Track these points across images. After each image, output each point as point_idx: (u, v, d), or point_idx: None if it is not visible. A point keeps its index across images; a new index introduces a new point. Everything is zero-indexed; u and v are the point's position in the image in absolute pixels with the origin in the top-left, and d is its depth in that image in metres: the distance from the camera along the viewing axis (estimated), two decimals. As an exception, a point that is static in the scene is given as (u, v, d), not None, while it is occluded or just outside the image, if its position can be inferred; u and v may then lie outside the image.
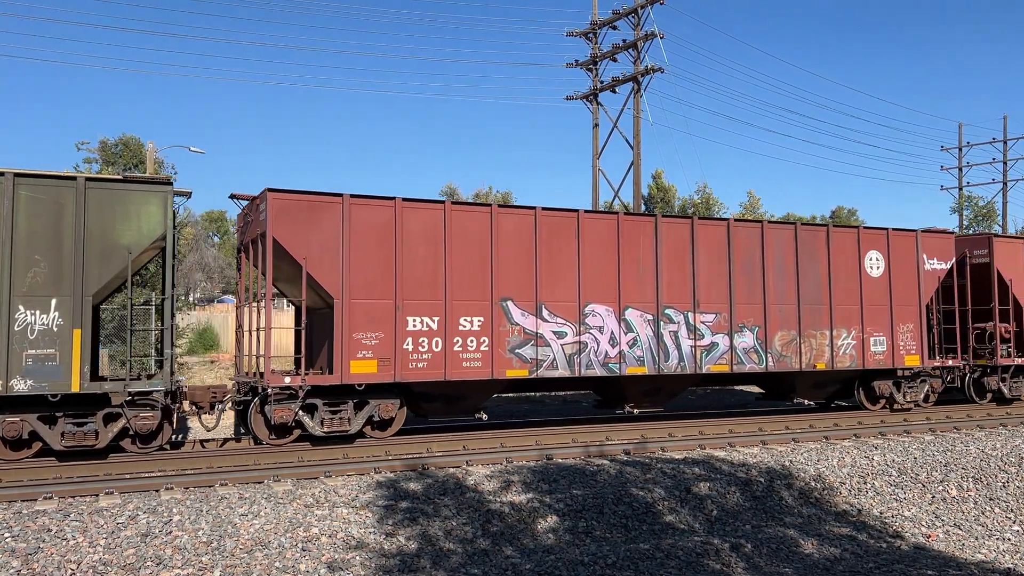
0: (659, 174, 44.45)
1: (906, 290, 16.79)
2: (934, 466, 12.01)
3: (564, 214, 13.83)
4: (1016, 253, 18.53)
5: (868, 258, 16.43)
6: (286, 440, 12.27)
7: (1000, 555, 9.27)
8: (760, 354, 15.10)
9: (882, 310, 16.46)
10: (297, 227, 12.01)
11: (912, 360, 16.71)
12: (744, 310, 15.05)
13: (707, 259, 14.85)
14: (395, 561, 7.82)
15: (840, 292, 16.00)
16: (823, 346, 15.67)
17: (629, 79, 28.44)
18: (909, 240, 17.01)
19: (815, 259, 15.82)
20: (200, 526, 8.18)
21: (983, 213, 44.05)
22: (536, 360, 13.32)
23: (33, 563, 7.25)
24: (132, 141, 39.35)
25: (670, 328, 14.38)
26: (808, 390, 16.48)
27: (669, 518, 9.68)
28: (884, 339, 16.41)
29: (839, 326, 15.93)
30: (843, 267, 16.10)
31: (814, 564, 8.49)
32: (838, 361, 15.82)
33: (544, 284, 13.54)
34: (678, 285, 14.57)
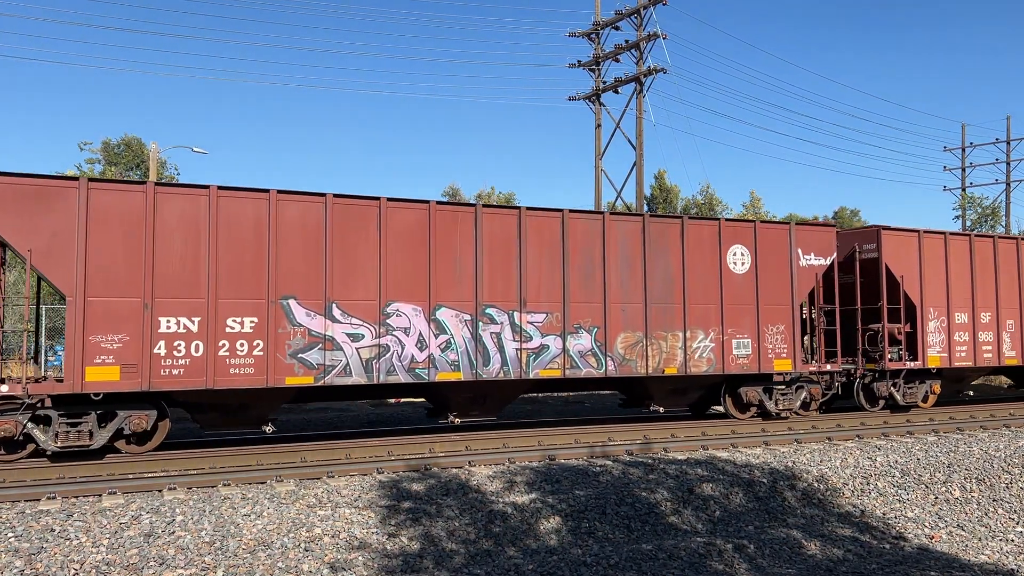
0: (662, 174, 44.46)
1: (777, 288, 15.35)
2: (937, 467, 12.00)
3: (362, 202, 12.44)
4: (908, 247, 17.00)
5: (731, 253, 14.98)
6: (17, 456, 10.92)
7: (1004, 556, 9.25)
8: (599, 358, 13.78)
9: (747, 310, 15.02)
10: (21, 215, 10.62)
11: (783, 364, 15.23)
12: (581, 309, 13.72)
13: (538, 254, 13.49)
14: (398, 561, 7.82)
15: (697, 290, 14.63)
16: (675, 349, 14.31)
17: (631, 79, 28.45)
18: (780, 233, 15.60)
19: (667, 254, 14.45)
20: (203, 526, 8.19)
21: (987, 214, 44.00)
22: (324, 366, 11.98)
23: (36, 563, 7.26)
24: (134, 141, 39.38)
25: (492, 329, 13.05)
26: (666, 397, 15.13)
27: (672, 519, 9.68)
28: (749, 341, 14.97)
29: (695, 327, 14.53)
30: (701, 263, 14.72)
31: (817, 565, 8.48)
32: (692, 365, 14.43)
33: (337, 280, 12.15)
34: (503, 282, 13.22)
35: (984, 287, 17.74)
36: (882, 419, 16.06)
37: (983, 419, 16.22)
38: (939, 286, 17.22)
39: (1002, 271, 18.00)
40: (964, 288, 17.50)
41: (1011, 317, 18.09)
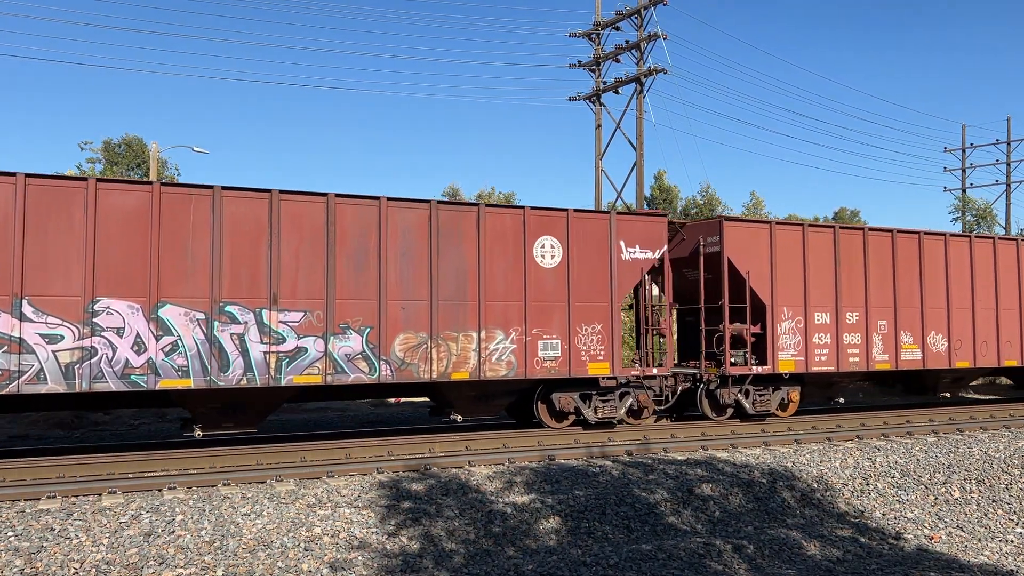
0: (661, 175, 44.41)
1: (593, 284, 13.83)
2: (937, 468, 12.00)
3: (66, 184, 10.99)
4: (757, 240, 15.24)
5: (538, 245, 13.44)
6: None
7: (1003, 557, 9.26)
8: (372, 362, 12.20)
9: (558, 307, 13.51)
10: None
11: (599, 368, 13.75)
12: (350, 307, 12.13)
13: (295, 243, 11.90)
14: (397, 561, 7.83)
15: (497, 286, 13.08)
16: (467, 351, 12.77)
17: (632, 80, 28.45)
18: (599, 224, 14.03)
19: (460, 246, 12.88)
20: (203, 526, 8.20)
21: (982, 215, 44.01)
22: (10, 371, 10.38)
23: (36, 562, 7.26)
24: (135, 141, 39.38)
25: (232, 330, 11.43)
26: (467, 404, 13.52)
27: (671, 519, 9.69)
28: (559, 342, 13.46)
29: (493, 327, 12.99)
30: (501, 256, 13.16)
31: (816, 565, 8.49)
32: (488, 369, 12.90)
33: (31, 273, 10.59)
34: (248, 275, 11.60)
35: (851, 285, 16.01)
36: (882, 419, 16.04)
37: (983, 420, 16.22)
38: (794, 283, 15.47)
39: (873, 267, 16.27)
40: (826, 286, 15.76)
41: (883, 317, 16.31)
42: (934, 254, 17.08)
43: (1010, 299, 17.98)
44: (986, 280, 17.67)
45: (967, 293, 17.36)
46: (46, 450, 12.29)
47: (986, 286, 17.66)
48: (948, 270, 17.17)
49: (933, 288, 16.94)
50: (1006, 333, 17.82)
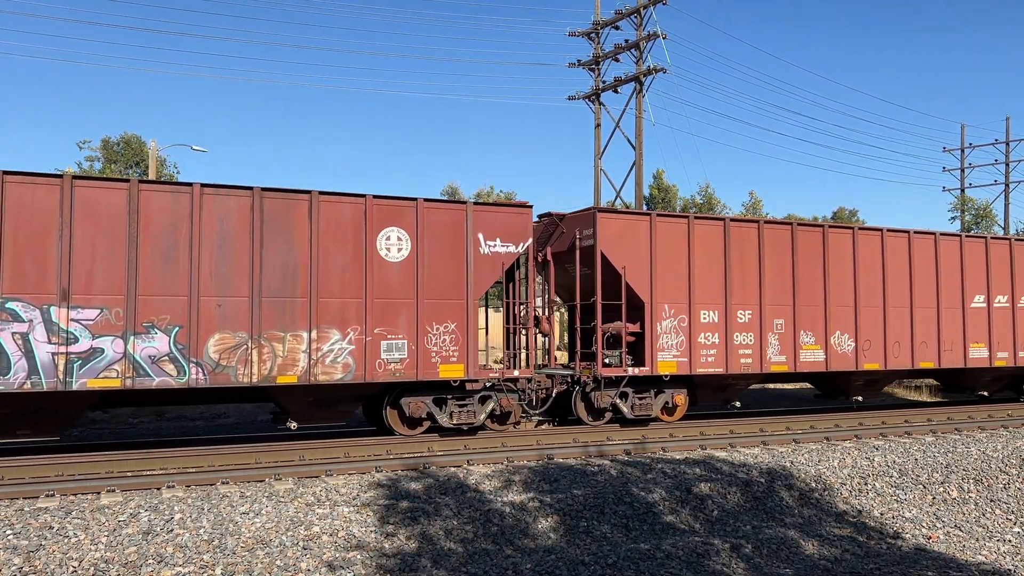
0: (660, 174, 44.45)
1: (447, 279, 12.74)
2: (935, 467, 12.02)
3: None
4: (634, 233, 14.10)
5: (383, 237, 12.35)
6: None
7: (1001, 557, 9.27)
8: (181, 364, 11.11)
9: (404, 305, 12.40)
10: None
11: (452, 370, 12.68)
12: (156, 304, 11.05)
13: (91, 233, 10.81)
14: (396, 560, 7.84)
15: (332, 281, 12.00)
16: (296, 353, 11.63)
17: (631, 79, 28.46)
18: (453, 215, 12.90)
19: (291, 237, 11.82)
20: (202, 524, 8.20)
21: (981, 215, 44.05)
22: None
23: (35, 560, 7.26)
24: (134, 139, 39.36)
25: (14, 328, 10.36)
26: (308, 410, 12.38)
27: (670, 518, 9.69)
28: (405, 343, 12.36)
29: (327, 326, 11.89)
30: (339, 248, 12.10)
31: (814, 565, 8.50)
32: (321, 372, 11.77)
33: None
34: (34, 268, 10.55)
35: (744, 281, 14.89)
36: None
37: (981, 420, 16.23)
38: (678, 279, 14.36)
39: (770, 263, 15.14)
40: (715, 282, 14.63)
41: (780, 316, 15.18)
42: (840, 249, 15.95)
43: (927, 297, 16.84)
44: (900, 277, 16.52)
45: (877, 291, 16.23)
46: (44, 448, 12.28)
47: (900, 283, 16.50)
48: (857, 266, 16.01)
49: (839, 285, 15.82)
50: (922, 333, 16.67)
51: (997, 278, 17.83)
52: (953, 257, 17.25)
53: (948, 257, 17.19)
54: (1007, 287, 17.97)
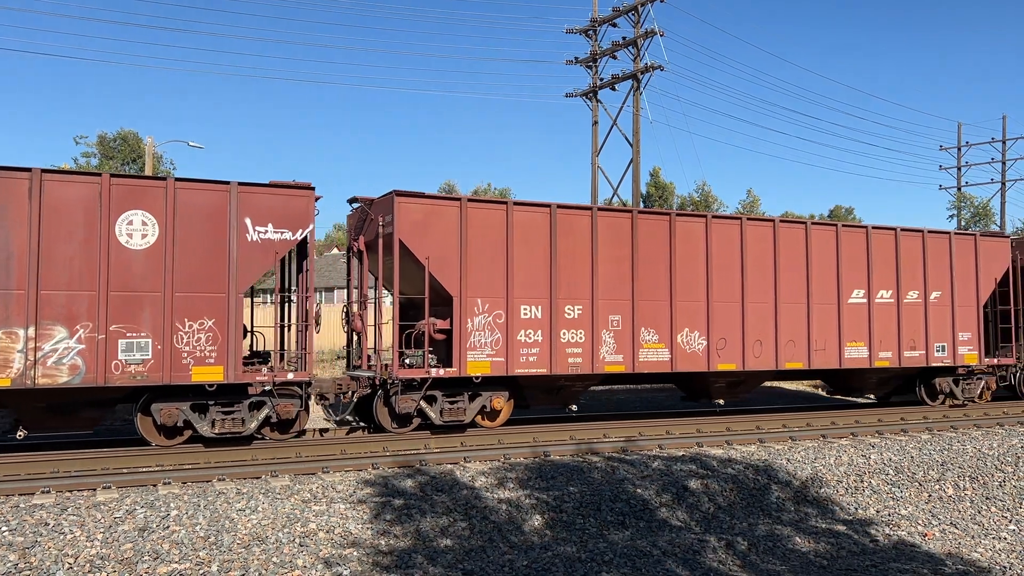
0: (657, 171, 44.52)
1: (203, 270, 11.28)
2: (931, 465, 12.04)
3: None
4: (439, 220, 12.64)
5: (124, 221, 10.89)
6: None
7: (996, 554, 9.29)
8: None
9: (149, 299, 10.97)
10: None
11: (208, 373, 11.25)
12: None
13: None
14: (392, 557, 7.83)
15: (56, 271, 10.56)
16: (9, 352, 10.27)
17: (629, 76, 28.45)
18: (213, 197, 11.41)
19: (3, 221, 10.40)
20: (198, 521, 8.19)
21: (979, 213, 44.12)
22: None
23: (31, 557, 7.25)
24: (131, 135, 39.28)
25: None
26: (38, 416, 11.12)
27: (666, 515, 9.70)
28: (149, 342, 10.90)
29: (52, 322, 10.50)
30: (67, 233, 10.64)
31: (810, 562, 8.51)
32: (42, 375, 10.39)
33: None
34: None
35: (574, 274, 13.48)
36: (877, 417, 16.02)
37: (976, 418, 16.26)
38: (494, 272, 12.93)
39: (605, 254, 13.76)
40: (539, 275, 13.24)
41: (617, 311, 13.81)
42: (691, 239, 14.54)
43: (794, 291, 15.38)
44: (762, 270, 15.10)
45: (735, 284, 14.81)
46: (40, 445, 12.26)
47: (762, 276, 15.08)
48: (710, 258, 14.60)
49: (689, 278, 14.44)
50: (789, 331, 15.25)
51: (881, 271, 16.40)
52: (827, 248, 15.83)
53: (821, 248, 15.76)
54: (891, 281, 16.53)
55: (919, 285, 16.87)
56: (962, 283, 17.37)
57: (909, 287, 16.74)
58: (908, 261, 16.74)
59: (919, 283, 16.87)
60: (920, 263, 16.90)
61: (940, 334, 17.00)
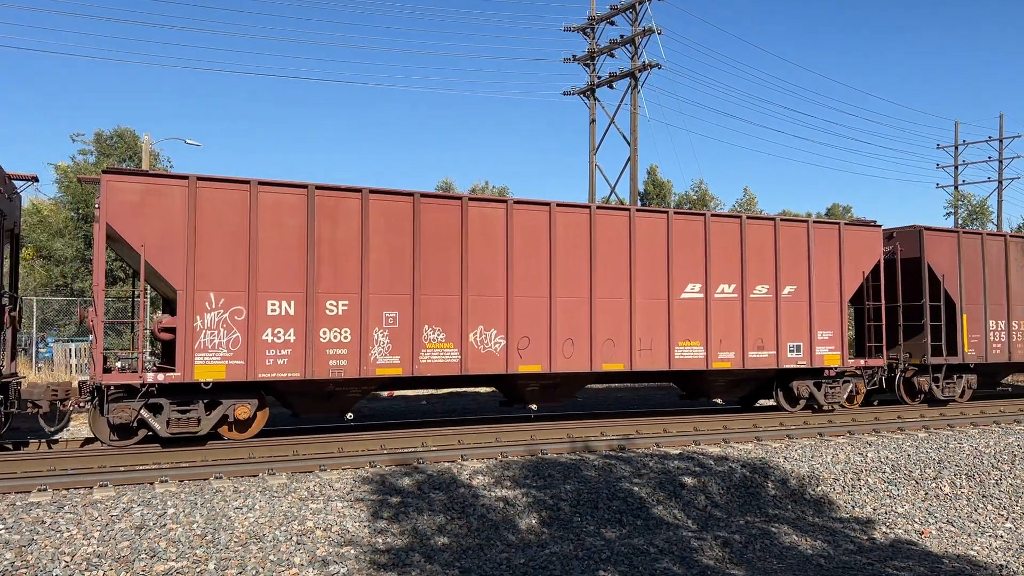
0: (654, 169, 44.46)
1: None
2: (927, 463, 12.06)
3: None
4: (160, 202, 11.18)
5: None
6: None
7: (993, 552, 9.31)
8: None
9: None
10: None
11: None
12: None
13: None
14: (389, 555, 7.83)
15: None
16: None
17: (626, 75, 28.45)
18: None
19: None
20: (195, 519, 8.18)
21: (976, 211, 44.20)
22: None
23: (27, 555, 7.24)
24: (127, 133, 39.19)
25: None
26: None
27: (663, 513, 9.71)
28: None
29: None
30: None
31: (807, 560, 8.52)
32: None
33: None
34: None
35: (337, 264, 12.08)
36: (873, 415, 16.03)
37: (973, 416, 16.28)
38: (231, 261, 11.54)
39: (378, 240, 12.35)
40: (293, 266, 11.86)
41: (393, 307, 12.38)
42: (489, 227, 13.09)
43: (614, 285, 13.97)
44: (576, 261, 13.69)
45: (542, 277, 13.38)
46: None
47: (575, 268, 13.67)
48: (511, 248, 13.15)
49: (485, 271, 13.04)
50: (607, 329, 13.84)
51: (722, 263, 14.87)
52: (656, 238, 14.33)
53: (649, 238, 14.28)
54: (735, 274, 14.98)
55: (769, 278, 15.27)
56: (823, 277, 15.83)
57: (757, 281, 15.16)
58: (757, 252, 15.17)
59: (769, 276, 15.28)
60: (771, 254, 15.30)
61: (795, 333, 15.45)
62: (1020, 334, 18.57)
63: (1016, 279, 18.56)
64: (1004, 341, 18.30)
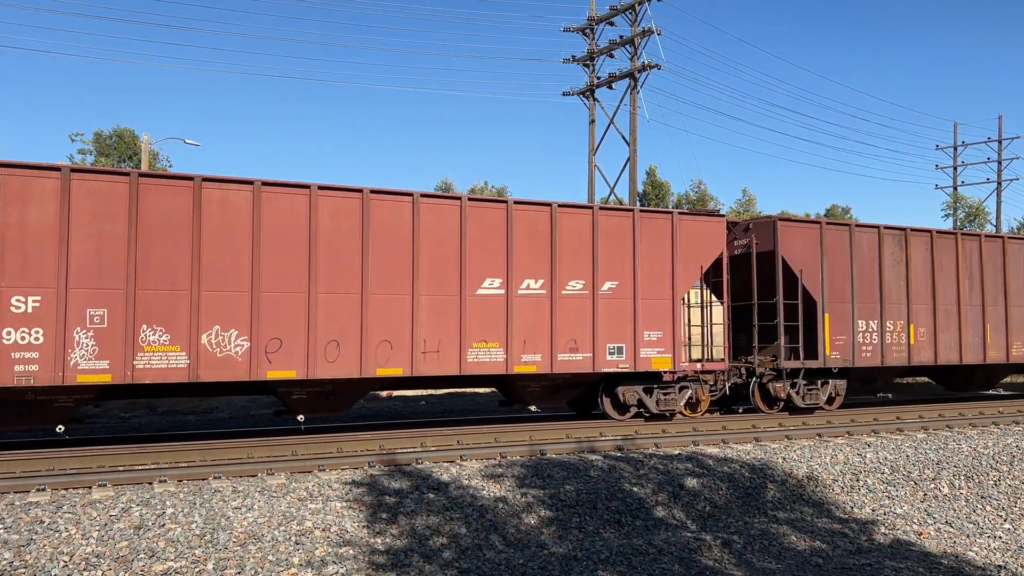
0: (653, 170, 44.54)
1: None
2: (926, 464, 12.07)
3: None
4: None
5: None
6: None
7: (991, 552, 9.32)
8: None
9: None
10: None
11: None
12: None
13: None
14: (388, 555, 7.83)
15: None
16: None
17: (626, 75, 28.47)
18: None
19: None
20: (194, 519, 8.17)
21: (974, 213, 44.27)
22: None
23: (26, 555, 7.24)
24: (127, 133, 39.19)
25: None
26: None
27: (662, 514, 9.71)
28: None
29: None
30: None
31: (805, 560, 8.53)
32: None
33: None
34: None
35: (26, 252, 10.52)
36: (871, 416, 16.05)
37: (972, 417, 16.29)
38: None
39: (82, 227, 10.80)
40: None
41: (102, 303, 10.82)
42: (231, 213, 11.55)
43: (393, 280, 12.39)
44: (345, 252, 12.10)
45: (299, 271, 11.86)
46: (36, 443, 12.24)
47: (343, 261, 12.08)
48: (259, 237, 11.62)
49: (225, 262, 11.49)
50: (382, 329, 12.26)
51: (527, 256, 13.28)
52: (446, 228, 12.80)
53: (436, 227, 12.74)
54: (544, 268, 13.39)
55: (586, 273, 13.68)
56: (652, 271, 14.26)
57: (571, 275, 13.56)
58: (571, 244, 13.60)
59: (586, 270, 13.69)
60: (588, 247, 13.72)
61: (616, 333, 13.86)
62: (896, 335, 16.69)
63: (891, 275, 16.73)
64: (876, 343, 16.38)
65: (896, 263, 16.91)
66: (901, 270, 16.94)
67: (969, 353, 17.65)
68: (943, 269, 17.47)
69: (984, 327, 17.93)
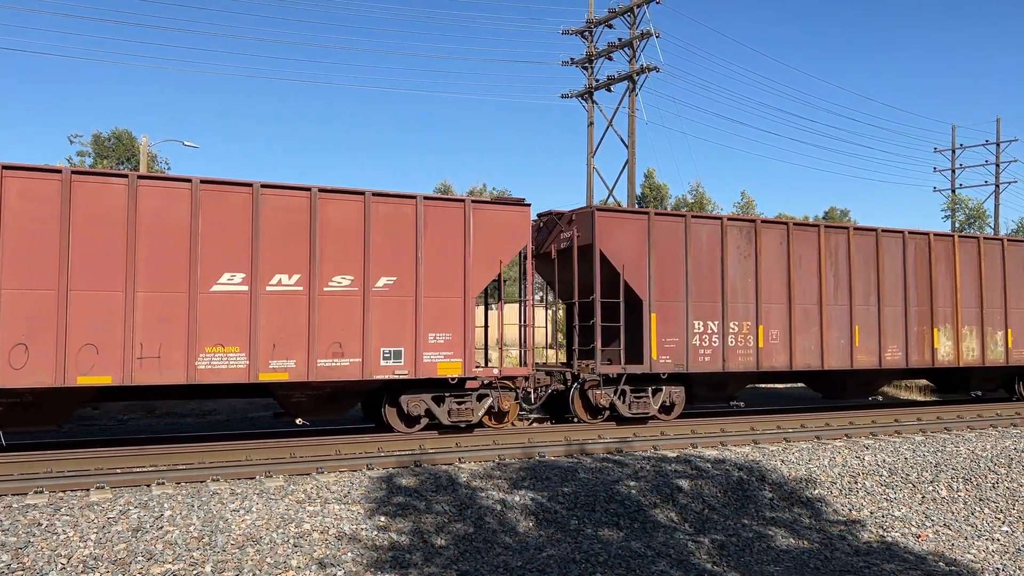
0: (651, 173, 44.55)
1: None
2: (924, 466, 12.07)
3: None
4: None
5: None
6: None
7: (989, 555, 9.32)
8: None
9: None
10: None
11: None
12: None
13: None
14: (387, 557, 7.83)
15: None
16: None
17: (624, 78, 28.50)
18: None
19: None
20: (192, 521, 8.17)
21: (974, 215, 44.30)
22: None
23: (23, 557, 7.23)
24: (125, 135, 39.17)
25: None
26: None
27: (660, 516, 9.71)
28: None
29: None
30: None
31: (803, 563, 8.53)
32: None
33: None
34: None
35: None
36: (870, 418, 16.07)
37: (970, 419, 16.30)
38: None
39: None
40: None
41: None
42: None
43: (101, 275, 10.83)
44: (38, 240, 10.54)
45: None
46: (34, 445, 12.22)
47: (34, 252, 10.52)
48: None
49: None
50: (85, 331, 10.70)
51: (279, 248, 11.79)
52: (173, 214, 11.24)
53: (160, 214, 11.18)
54: (301, 262, 11.88)
55: (355, 268, 12.18)
56: (439, 266, 12.75)
57: (336, 270, 12.09)
58: (337, 234, 12.13)
59: (355, 265, 12.19)
60: (359, 238, 12.23)
61: (392, 336, 12.36)
62: (742, 338, 14.98)
63: (736, 272, 14.99)
64: (716, 346, 14.66)
65: (743, 258, 15.12)
66: (749, 266, 15.14)
67: (833, 358, 15.82)
68: (802, 265, 15.64)
69: (852, 329, 16.10)
